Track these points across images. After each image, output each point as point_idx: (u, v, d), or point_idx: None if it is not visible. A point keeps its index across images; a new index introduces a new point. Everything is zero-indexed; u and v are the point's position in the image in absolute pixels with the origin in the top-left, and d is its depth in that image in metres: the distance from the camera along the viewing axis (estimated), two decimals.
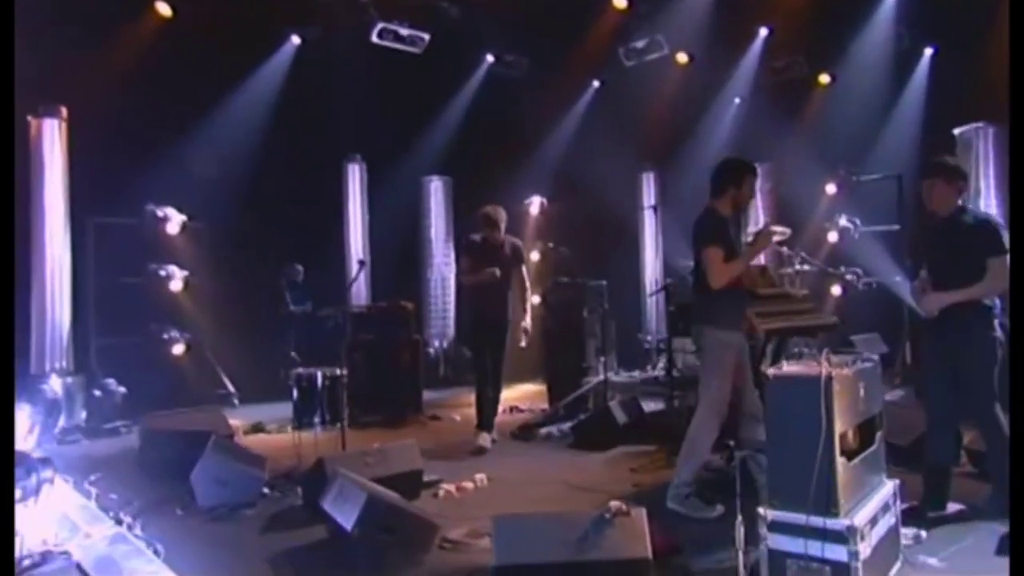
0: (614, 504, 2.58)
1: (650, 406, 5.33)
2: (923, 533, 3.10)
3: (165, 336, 7.03)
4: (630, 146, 9.41)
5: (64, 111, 6.40)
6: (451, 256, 9.37)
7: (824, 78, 8.95)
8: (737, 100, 9.67)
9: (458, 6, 8.37)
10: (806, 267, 6.16)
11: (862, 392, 2.70)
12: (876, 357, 2.89)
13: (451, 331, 9.32)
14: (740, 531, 2.50)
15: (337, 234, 8.79)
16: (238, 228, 7.67)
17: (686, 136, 9.46)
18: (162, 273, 7.10)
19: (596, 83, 10.04)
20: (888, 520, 2.70)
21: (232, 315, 7.49)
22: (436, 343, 9.17)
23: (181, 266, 7.24)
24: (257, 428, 6.03)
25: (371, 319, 6.46)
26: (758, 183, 3.65)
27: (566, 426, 5.45)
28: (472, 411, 6.85)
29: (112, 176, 6.67)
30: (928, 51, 8.26)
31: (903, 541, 2.87)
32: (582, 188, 9.03)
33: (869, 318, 7.38)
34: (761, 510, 2.51)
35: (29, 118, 6.31)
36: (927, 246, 3.48)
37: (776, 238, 5.17)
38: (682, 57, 8.96)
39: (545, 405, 6.24)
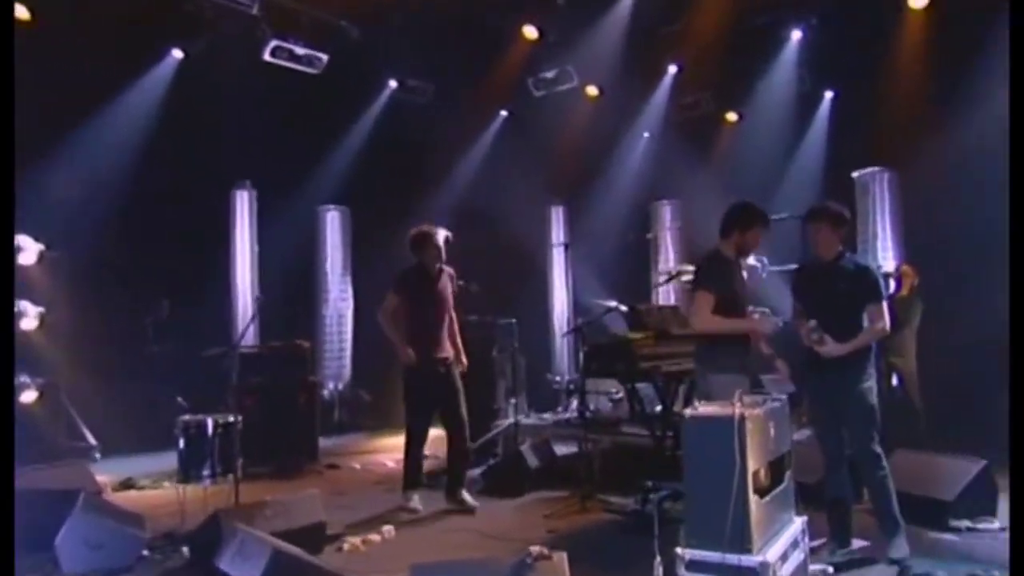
0: (535, 549, 2.71)
1: (562, 449, 5.53)
2: (830, 569, 3.42)
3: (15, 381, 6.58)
4: (539, 179, 9.80)
5: None
6: (348, 292, 9.34)
7: (731, 116, 9.70)
8: (646, 135, 10.29)
9: (359, 27, 8.50)
10: None
11: (772, 431, 2.99)
12: (784, 397, 3.21)
13: (347, 372, 9.24)
14: (659, 572, 2.69)
15: (222, 267, 8.57)
16: (105, 259, 7.35)
17: (596, 170, 9.96)
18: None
19: (504, 113, 10.41)
20: (797, 556, 2.98)
21: (95, 357, 7.12)
22: (331, 385, 9.05)
23: (35, 301, 6.84)
24: (127, 484, 5.75)
25: (264, 359, 6.34)
26: (754, 233, 3.81)
27: (475, 472, 5.54)
28: (373, 458, 6.84)
29: None
30: (828, 94, 9.14)
31: None
32: (489, 221, 9.27)
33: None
34: (679, 550, 2.71)
35: None
36: (810, 289, 3.80)
37: (685, 277, 5.56)
38: (592, 90, 9.47)
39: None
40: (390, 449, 7.33)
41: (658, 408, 4.94)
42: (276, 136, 8.28)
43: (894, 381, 6.88)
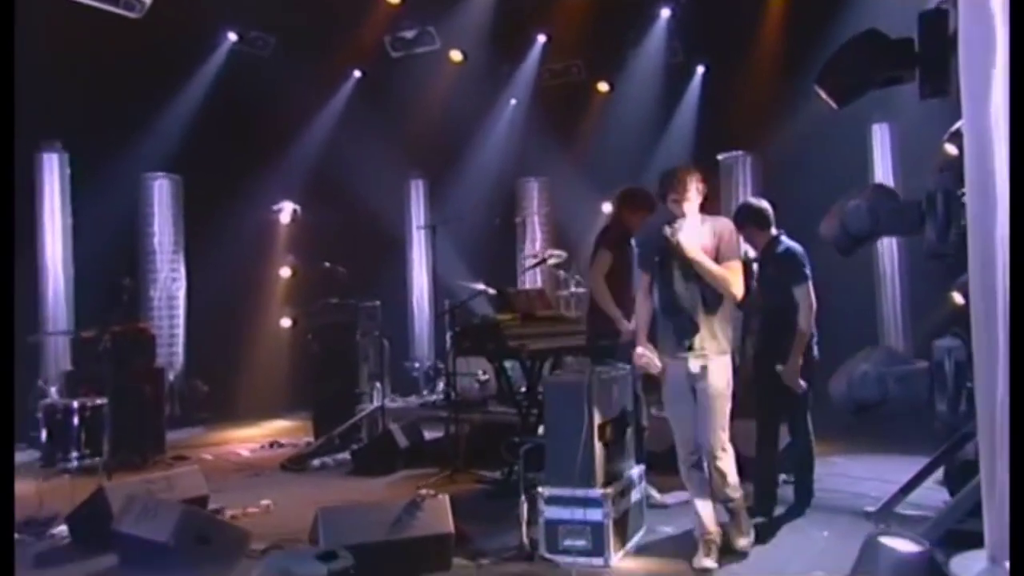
0: (423, 490, 3.94)
1: (430, 433, 6.77)
2: (668, 500, 4.92)
3: None
4: (397, 149, 10.87)
5: None
6: (181, 271, 10.02)
7: (603, 86, 11.23)
8: (513, 101, 11.63)
9: None
10: (582, 289, 8.09)
11: (615, 394, 4.40)
12: (628, 367, 4.60)
13: (179, 361, 9.95)
14: (524, 508, 4.03)
15: (27, 240, 9.00)
16: None
17: (459, 142, 11.18)
18: None
19: (358, 73, 11.36)
20: (635, 495, 4.42)
21: None
22: None
23: None
24: None
25: (96, 345, 7.05)
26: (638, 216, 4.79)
27: (342, 455, 6.68)
28: (222, 449, 7.80)
29: None
30: (700, 68, 10.86)
31: None
32: (344, 195, 10.25)
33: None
34: (540, 488, 4.05)
35: None
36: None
37: (552, 261, 7.02)
38: (456, 55, 10.66)
39: (310, 438, 7.39)
40: (237, 441, 8.29)
41: (523, 388, 6.29)
42: (94, 91, 8.76)
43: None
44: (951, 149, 3.95)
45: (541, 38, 10.73)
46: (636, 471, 4.54)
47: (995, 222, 2.53)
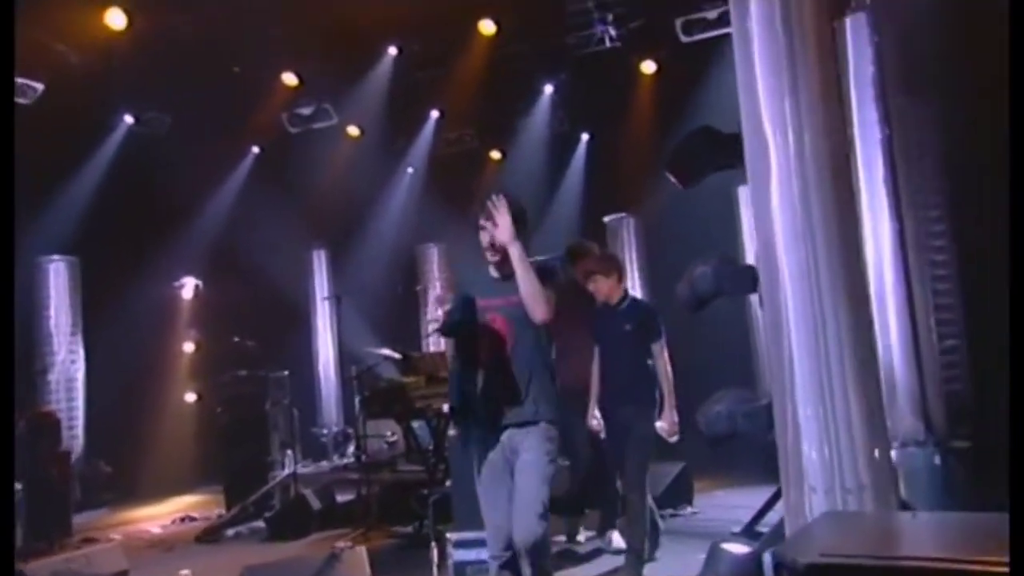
0: (340, 544, 4.26)
1: (342, 495, 7.02)
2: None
3: None
4: (298, 222, 11.21)
5: None
6: (79, 353, 10.01)
7: (495, 154, 11.89)
8: (410, 170, 12.17)
9: (78, 53, 9.35)
10: None
11: None
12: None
13: (79, 444, 9.86)
14: (434, 552, 4.40)
15: None
16: None
17: (359, 213, 11.61)
18: None
19: (256, 149, 11.70)
20: None
21: None
22: None
23: None
24: None
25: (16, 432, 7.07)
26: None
27: (256, 523, 6.86)
28: (131, 528, 7.85)
29: None
30: (584, 136, 11.65)
31: None
32: (245, 268, 10.50)
33: None
34: (449, 534, 4.43)
35: None
36: (602, 333, 5.04)
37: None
38: (353, 130, 11.17)
39: (222, 510, 7.52)
40: (146, 519, 8.32)
41: (431, 446, 6.65)
42: None
43: None
44: None
45: (435, 113, 11.32)
46: None
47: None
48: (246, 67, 10.02)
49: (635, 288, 10.79)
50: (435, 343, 10.59)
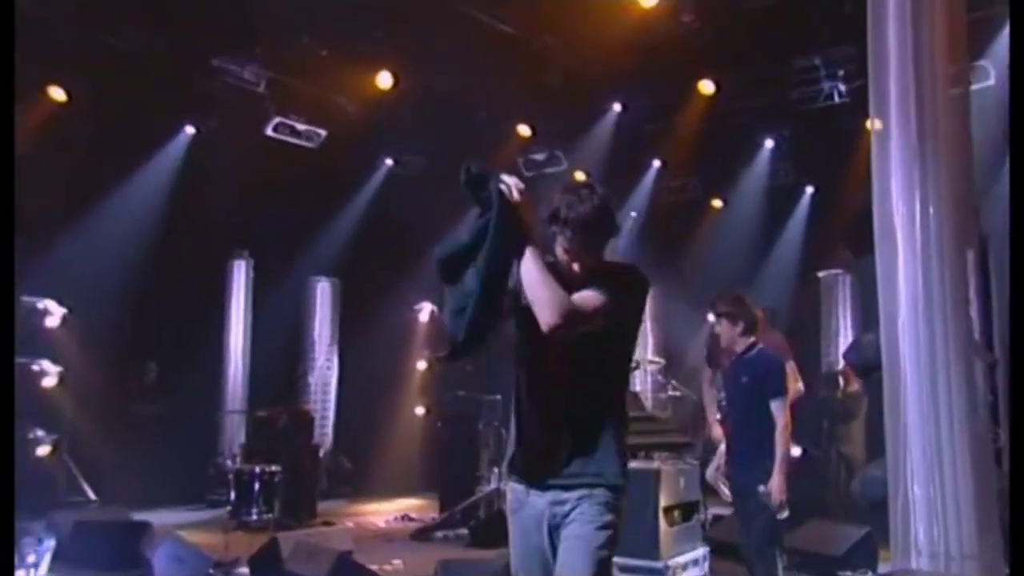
0: None
1: None
2: None
3: (30, 436, 8.66)
4: None
5: None
6: (334, 361, 11.57)
7: (717, 203, 12.23)
8: (634, 214, 12.76)
9: (354, 104, 10.92)
10: (677, 393, 8.99)
11: (682, 484, 5.30)
12: (696, 462, 5.51)
13: (328, 440, 11.38)
14: None
15: (216, 333, 10.80)
16: (114, 324, 9.54)
17: None
18: (35, 368, 8.80)
19: None
20: (696, 571, 5.26)
21: (102, 415, 9.27)
22: None
23: (56, 361, 8.99)
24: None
25: (270, 424, 8.53)
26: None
27: (462, 530, 7.74)
28: (366, 521, 9.02)
29: None
30: (809, 189, 11.71)
31: None
32: None
33: None
34: (616, 559, 4.97)
35: None
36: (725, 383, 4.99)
37: (651, 368, 7.99)
38: (580, 175, 11.96)
39: (435, 514, 8.50)
40: (374, 513, 9.52)
41: None
42: (275, 208, 10.59)
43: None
44: None
45: (656, 162, 11.89)
46: (701, 552, 5.39)
47: None
48: (489, 118, 11.18)
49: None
50: (642, 381, 11.11)
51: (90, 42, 8.62)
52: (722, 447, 5.00)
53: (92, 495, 9.11)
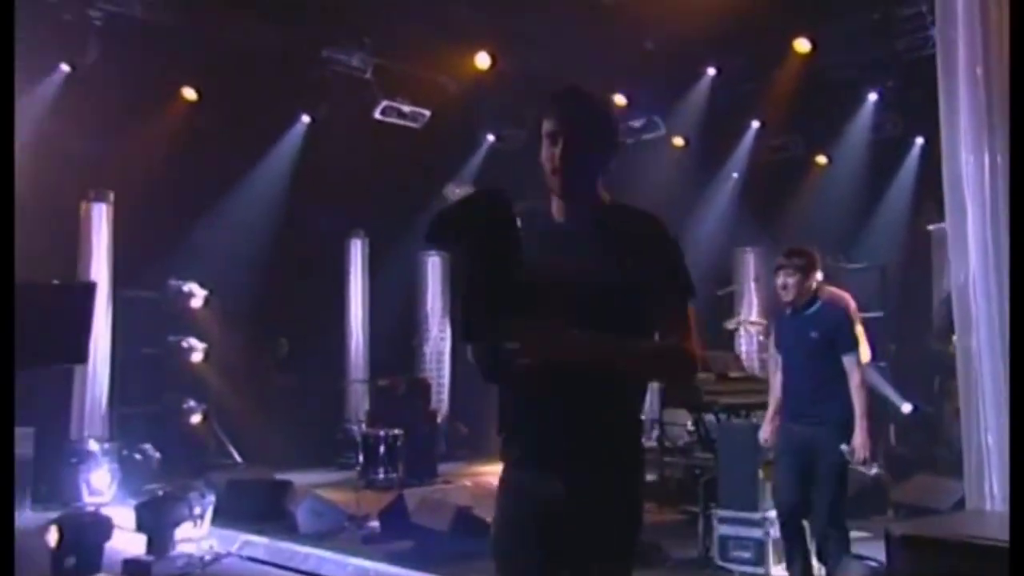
0: None
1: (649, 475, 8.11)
2: None
3: (184, 406, 9.59)
4: None
5: (112, 196, 9.13)
6: (447, 331, 12.14)
7: (821, 159, 12.09)
8: (735, 175, 12.77)
9: (455, 83, 11.32)
10: None
11: None
12: None
13: (445, 406, 11.99)
14: (701, 525, 5.30)
15: (337, 308, 11.54)
16: (251, 302, 10.36)
17: (679, 216, 12.47)
18: (184, 345, 9.70)
19: None
20: None
21: (243, 386, 10.13)
22: None
23: (200, 339, 9.87)
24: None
25: (392, 392, 9.15)
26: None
27: None
28: (483, 480, 9.58)
29: (137, 251, 9.32)
30: (919, 140, 11.43)
31: None
32: None
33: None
34: (716, 511, 5.28)
35: (81, 202, 9.01)
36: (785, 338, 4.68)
37: (752, 328, 8.14)
38: (678, 140, 12.07)
39: None
40: (489, 473, 10.03)
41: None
42: (386, 188, 11.18)
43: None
44: None
45: (755, 123, 11.84)
46: None
47: None
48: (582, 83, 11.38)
49: None
50: (746, 342, 11.21)
51: (216, 43, 9.31)
52: (771, 409, 4.80)
53: (238, 458, 10.01)
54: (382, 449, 7.13)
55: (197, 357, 9.76)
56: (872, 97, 10.90)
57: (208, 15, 8.96)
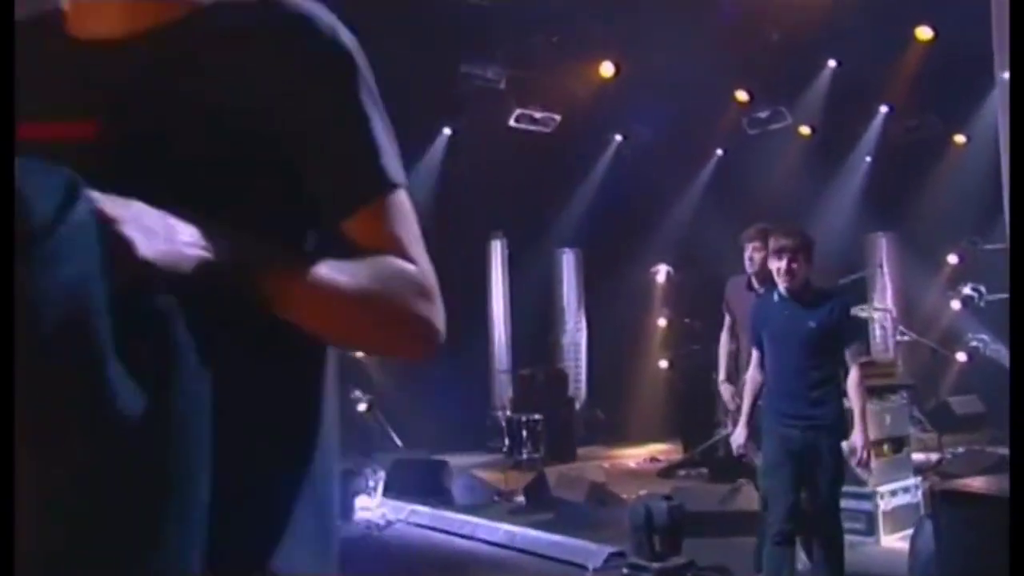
0: (742, 482, 5.88)
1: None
2: None
3: (352, 396, 10.75)
4: (748, 214, 12.56)
5: None
6: (583, 323, 12.87)
7: (960, 138, 11.95)
8: (868, 159, 12.78)
9: (584, 89, 11.97)
10: (906, 337, 9.30)
11: (888, 420, 5.93)
12: (906, 397, 6.06)
13: (583, 394, 12.72)
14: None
15: (482, 304, 12.48)
16: None
17: (803, 206, 12.59)
18: None
19: (719, 152, 13.43)
20: (906, 498, 5.87)
21: (404, 378, 11.22)
22: None
23: None
24: None
25: (534, 381, 9.96)
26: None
27: (702, 469, 8.72)
28: (619, 462, 10.25)
29: None
30: None
31: None
32: (701, 258, 12.31)
33: (989, 382, 10.19)
34: None
35: None
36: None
37: (877, 315, 8.40)
38: (805, 129, 12.26)
39: (679, 455, 9.52)
40: (625, 456, 10.70)
41: None
42: (522, 190, 11.98)
43: None
44: None
45: (883, 108, 11.87)
46: (912, 481, 6.00)
47: None
48: (706, 87, 11.79)
49: None
50: (879, 328, 11.32)
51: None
52: (745, 410, 4.30)
53: (399, 442, 11.10)
54: (524, 433, 7.98)
55: (361, 353, 10.88)
56: (1004, 76, 10.73)
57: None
